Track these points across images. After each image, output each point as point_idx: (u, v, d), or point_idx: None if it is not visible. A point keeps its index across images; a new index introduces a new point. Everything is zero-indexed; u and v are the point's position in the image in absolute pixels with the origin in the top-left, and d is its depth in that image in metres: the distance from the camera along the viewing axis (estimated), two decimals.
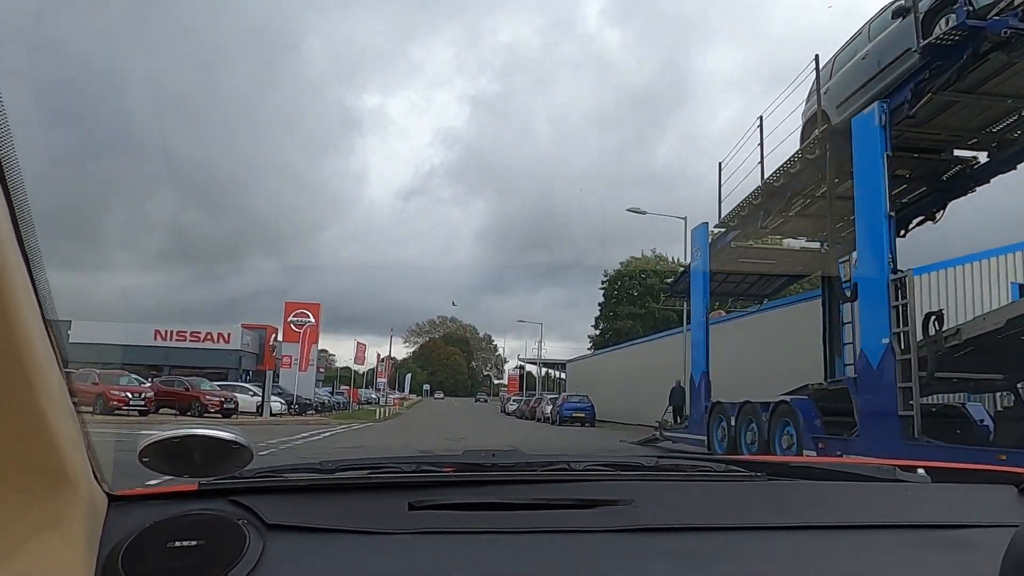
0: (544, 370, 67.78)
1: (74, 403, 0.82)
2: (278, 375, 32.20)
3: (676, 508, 1.07)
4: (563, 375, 59.28)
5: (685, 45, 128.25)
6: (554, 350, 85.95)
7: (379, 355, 55.54)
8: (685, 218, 21.88)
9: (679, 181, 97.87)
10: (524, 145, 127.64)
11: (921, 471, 1.35)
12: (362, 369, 59.49)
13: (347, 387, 50.19)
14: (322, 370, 61.49)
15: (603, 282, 59.43)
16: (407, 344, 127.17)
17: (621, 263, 58.58)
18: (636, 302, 54.64)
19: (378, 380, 56.71)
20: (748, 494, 1.18)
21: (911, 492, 1.25)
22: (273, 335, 46.58)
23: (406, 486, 1.08)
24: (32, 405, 0.69)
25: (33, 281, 0.67)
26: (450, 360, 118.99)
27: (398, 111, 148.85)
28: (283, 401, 28.86)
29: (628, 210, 25.21)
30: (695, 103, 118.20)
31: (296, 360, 33.36)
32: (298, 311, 36.14)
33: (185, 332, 43.96)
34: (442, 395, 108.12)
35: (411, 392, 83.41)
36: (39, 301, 0.69)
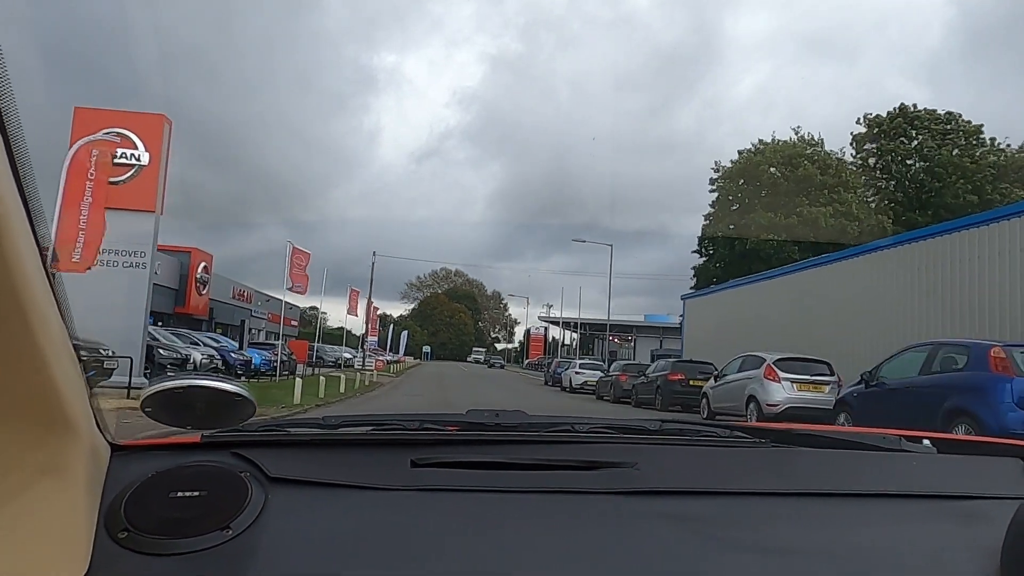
0: (567, 332, 49.16)
1: (76, 350, 0.81)
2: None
3: (679, 472, 1.07)
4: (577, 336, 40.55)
5: (717, 5, 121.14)
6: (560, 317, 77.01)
7: (351, 289, 36.07)
8: None
9: (698, 148, 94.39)
10: (544, 107, 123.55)
11: (927, 442, 1.32)
12: (359, 328, 45.99)
13: (304, 343, 30.98)
14: (294, 323, 49.62)
15: (713, 182, 38.02)
16: (405, 300, 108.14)
17: (741, 151, 37.42)
18: (780, 206, 33.62)
19: (369, 339, 46.92)
20: (752, 460, 1.17)
21: (916, 462, 1.23)
22: (204, 263, 30.66)
23: (409, 443, 1.08)
24: (33, 348, 0.70)
25: (32, 225, 0.67)
26: (455, 318, 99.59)
27: (415, 69, 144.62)
28: None
29: None
30: (721, 67, 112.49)
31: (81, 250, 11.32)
32: (108, 131, 13.40)
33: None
34: (483, 357, 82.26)
35: (407, 354, 65.12)
36: (39, 245, 0.68)
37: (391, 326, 63.08)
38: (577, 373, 28.97)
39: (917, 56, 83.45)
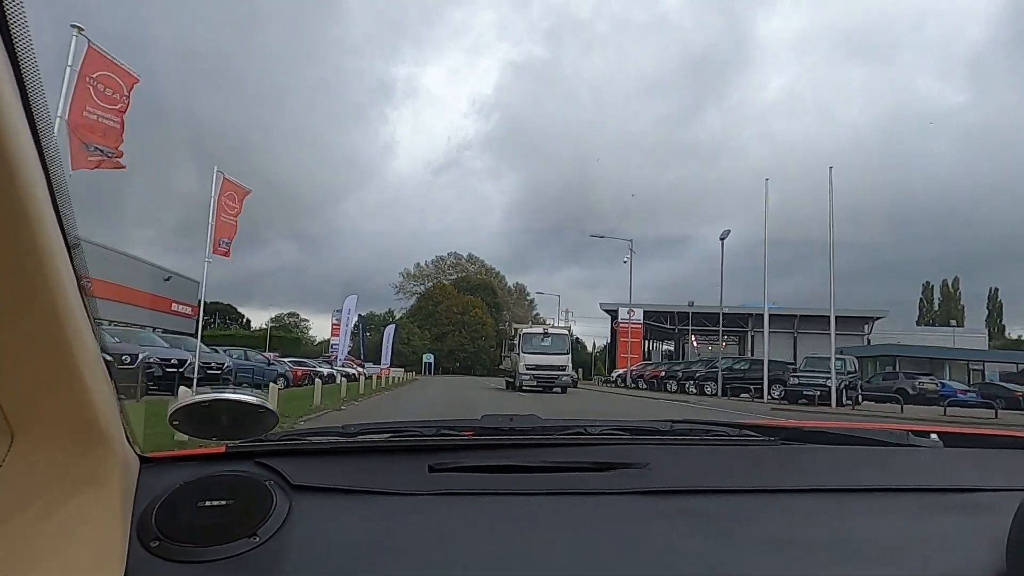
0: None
1: (107, 365, 0.85)
2: None
3: (691, 471, 1.10)
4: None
5: (749, 5, 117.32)
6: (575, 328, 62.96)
7: None
8: None
9: (722, 152, 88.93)
10: (567, 114, 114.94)
11: (934, 436, 1.36)
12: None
13: None
14: (185, 307, 38.01)
15: None
16: (400, 295, 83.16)
17: None
18: None
19: (332, 340, 42.28)
20: (762, 457, 1.20)
21: (924, 456, 1.26)
22: None
23: (426, 449, 1.12)
24: (71, 364, 0.74)
25: (67, 241, 0.69)
26: (468, 315, 74.27)
27: (434, 78, 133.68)
28: None
29: None
30: (750, 70, 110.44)
31: None
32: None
33: None
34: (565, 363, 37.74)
35: (398, 364, 39.80)
36: (72, 261, 0.71)
37: (385, 326, 37.77)
38: None
39: (957, 53, 73.46)
